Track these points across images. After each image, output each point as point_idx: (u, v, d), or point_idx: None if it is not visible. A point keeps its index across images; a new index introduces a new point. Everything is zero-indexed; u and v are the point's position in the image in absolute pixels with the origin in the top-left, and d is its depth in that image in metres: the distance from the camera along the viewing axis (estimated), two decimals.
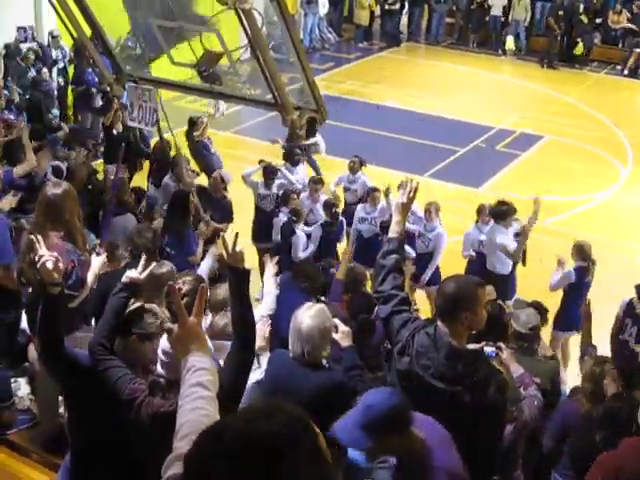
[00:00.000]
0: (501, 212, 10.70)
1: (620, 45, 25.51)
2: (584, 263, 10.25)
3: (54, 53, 18.92)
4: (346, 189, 12.95)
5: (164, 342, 4.46)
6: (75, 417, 4.94)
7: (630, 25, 24.94)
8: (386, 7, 27.13)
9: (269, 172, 12.35)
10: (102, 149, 15.14)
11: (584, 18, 25.14)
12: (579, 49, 25.31)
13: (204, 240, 9.83)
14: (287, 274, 8.45)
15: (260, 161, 12.67)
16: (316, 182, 12.33)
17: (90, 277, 6.83)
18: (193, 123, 13.61)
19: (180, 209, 9.88)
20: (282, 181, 12.48)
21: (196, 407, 2.76)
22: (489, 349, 6.26)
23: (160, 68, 10.38)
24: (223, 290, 6.58)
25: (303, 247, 11.25)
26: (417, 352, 4.67)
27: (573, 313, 10.01)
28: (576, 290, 10.17)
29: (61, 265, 4.58)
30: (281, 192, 12.03)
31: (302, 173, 13.18)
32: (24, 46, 18.68)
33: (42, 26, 19.32)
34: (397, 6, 27.28)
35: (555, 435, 6.62)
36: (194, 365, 2.90)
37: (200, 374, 2.87)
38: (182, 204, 9.96)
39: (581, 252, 10.29)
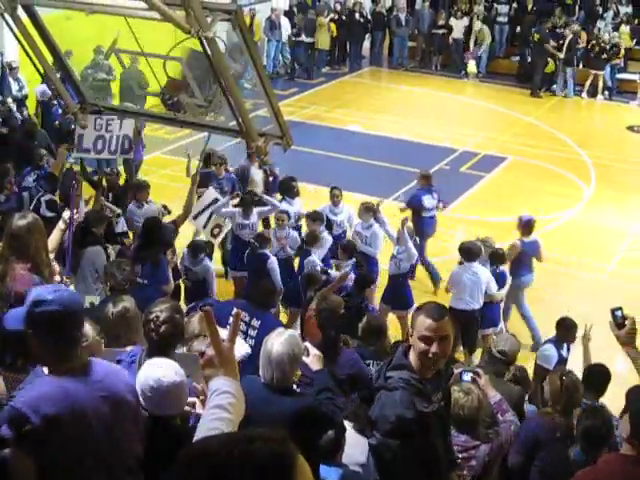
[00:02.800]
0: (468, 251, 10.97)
1: (580, 66, 25.72)
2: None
3: (13, 86, 18.58)
4: (331, 221, 12.86)
5: (151, 375, 4.47)
6: None
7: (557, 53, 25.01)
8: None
9: (247, 201, 12.07)
10: None
11: (537, 37, 25.34)
12: (549, 68, 25.34)
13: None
14: None
15: (234, 195, 12.47)
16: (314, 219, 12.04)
17: None
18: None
19: (155, 238, 9.83)
20: (261, 209, 12.20)
21: (213, 428, 2.80)
22: (466, 375, 6.29)
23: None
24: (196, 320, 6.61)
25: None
26: None
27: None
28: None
29: None
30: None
31: (297, 206, 12.96)
32: None
33: (7, 52, 19.08)
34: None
35: (523, 450, 6.58)
36: (219, 388, 2.94)
37: (223, 397, 2.90)
38: (156, 233, 9.92)
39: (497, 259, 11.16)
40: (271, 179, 13.97)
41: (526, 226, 11.56)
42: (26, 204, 11.31)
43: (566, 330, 9.36)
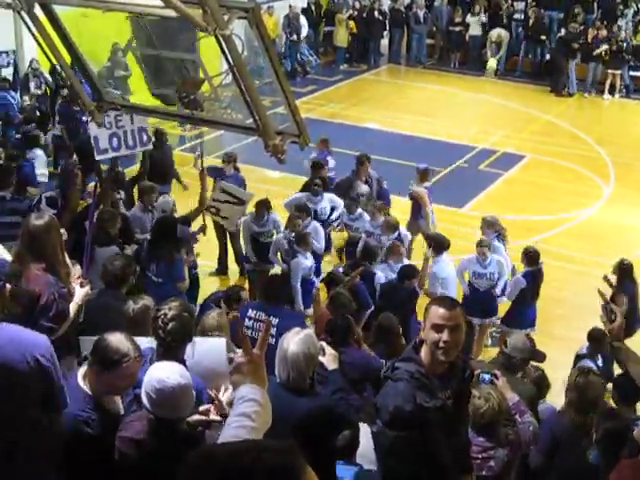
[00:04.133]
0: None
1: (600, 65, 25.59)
2: (533, 267, 10.99)
3: (32, 83, 18.75)
4: (348, 226, 12.92)
5: (155, 376, 4.46)
6: None
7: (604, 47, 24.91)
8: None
9: (262, 205, 12.04)
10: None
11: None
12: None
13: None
14: None
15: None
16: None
17: (72, 308, 6.76)
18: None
19: (169, 235, 9.80)
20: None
21: (234, 435, 2.80)
22: (485, 375, 6.28)
23: (141, 94, 10.34)
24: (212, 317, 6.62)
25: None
26: None
27: (524, 312, 11.10)
28: (526, 292, 11.00)
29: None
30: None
31: (325, 202, 12.95)
32: (4, 71, 18.66)
33: (24, 51, 19.22)
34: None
35: (544, 450, 6.60)
36: (245, 395, 2.95)
37: (248, 405, 2.90)
38: (170, 230, 9.89)
39: (529, 258, 11.02)
40: (378, 188, 14.04)
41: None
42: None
43: (597, 341, 9.29)
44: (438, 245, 11.21)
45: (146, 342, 5.58)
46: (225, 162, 13.22)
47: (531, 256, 11.08)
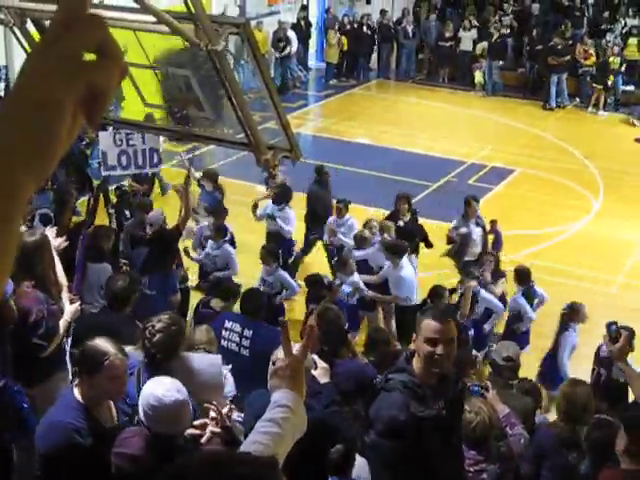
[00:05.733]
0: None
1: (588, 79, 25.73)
2: (525, 286, 11.08)
3: None
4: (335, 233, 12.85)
5: (151, 392, 4.46)
6: None
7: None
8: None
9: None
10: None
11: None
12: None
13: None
14: None
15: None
16: None
17: (62, 325, 6.76)
18: None
19: (165, 249, 9.78)
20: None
21: (256, 441, 2.75)
22: (474, 387, 6.29)
23: (131, 110, 10.30)
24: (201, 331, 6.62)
25: None
26: None
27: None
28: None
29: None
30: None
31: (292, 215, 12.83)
32: None
33: (15, 66, 19.15)
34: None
35: (532, 459, 6.61)
36: (278, 401, 2.89)
37: (279, 411, 2.85)
38: (165, 243, 9.86)
39: (523, 277, 11.08)
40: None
41: None
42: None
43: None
44: (397, 251, 11.17)
45: (136, 355, 5.60)
46: (205, 178, 13.18)
47: (523, 275, 11.16)
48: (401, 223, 12.40)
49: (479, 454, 5.84)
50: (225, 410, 4.90)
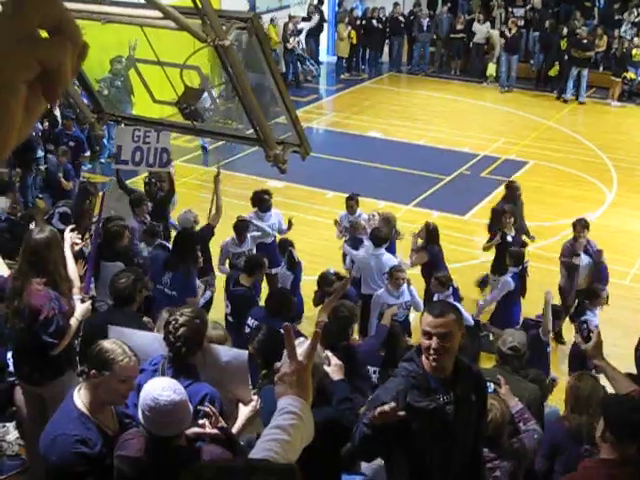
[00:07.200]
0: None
1: (601, 69, 25.59)
2: (518, 269, 11.34)
3: None
4: (346, 228, 12.75)
5: (149, 393, 4.43)
6: None
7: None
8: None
9: (240, 228, 11.61)
10: None
11: (564, 43, 25.15)
12: (554, 70, 25.31)
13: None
14: None
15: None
16: None
17: (73, 323, 6.74)
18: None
19: (189, 248, 9.74)
20: (254, 233, 11.82)
21: (264, 449, 2.71)
22: (490, 385, 6.25)
23: (141, 106, 10.32)
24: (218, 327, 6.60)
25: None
26: None
27: (511, 312, 11.35)
28: (513, 292, 11.32)
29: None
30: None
31: (275, 218, 12.30)
32: None
33: None
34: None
35: (545, 454, 6.60)
36: (285, 407, 2.84)
37: (286, 417, 2.80)
38: (190, 243, 9.83)
39: (515, 259, 11.36)
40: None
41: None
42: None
43: None
44: (379, 240, 11.12)
45: (160, 350, 5.59)
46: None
47: (516, 257, 11.36)
48: (509, 238, 12.26)
49: (492, 451, 5.81)
50: (248, 410, 4.89)
